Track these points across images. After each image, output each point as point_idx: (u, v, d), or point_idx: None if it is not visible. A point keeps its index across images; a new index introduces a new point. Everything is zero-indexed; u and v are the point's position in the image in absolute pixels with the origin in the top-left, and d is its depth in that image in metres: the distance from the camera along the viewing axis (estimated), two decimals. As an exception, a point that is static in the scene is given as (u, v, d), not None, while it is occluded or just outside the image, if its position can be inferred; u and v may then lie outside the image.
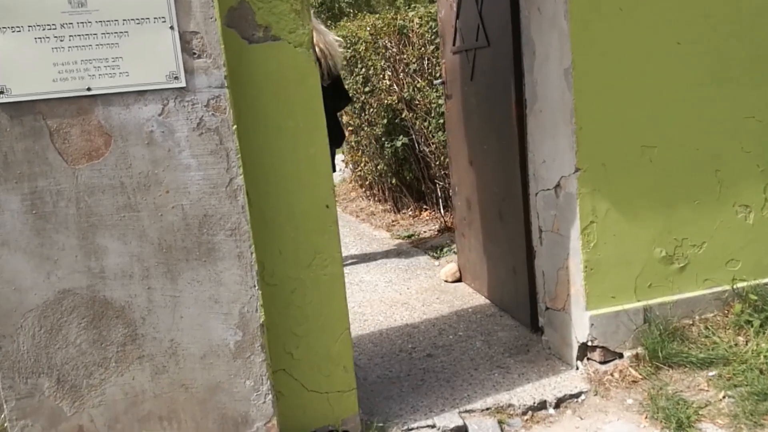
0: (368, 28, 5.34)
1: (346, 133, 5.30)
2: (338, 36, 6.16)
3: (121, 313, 2.13)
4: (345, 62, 6.05)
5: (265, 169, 2.28)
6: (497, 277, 3.57)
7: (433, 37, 4.54)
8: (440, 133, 4.51)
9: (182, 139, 2.08)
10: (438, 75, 4.48)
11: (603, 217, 2.69)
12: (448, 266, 4.17)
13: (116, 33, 2.02)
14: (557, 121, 2.73)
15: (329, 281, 2.38)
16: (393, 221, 5.95)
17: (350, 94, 6.01)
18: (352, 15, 6.02)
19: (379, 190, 6.60)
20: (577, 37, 2.57)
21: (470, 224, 3.85)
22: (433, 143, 4.68)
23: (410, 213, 6.12)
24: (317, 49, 4.53)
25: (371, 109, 5.72)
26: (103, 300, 2.11)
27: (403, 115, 5.13)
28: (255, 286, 2.18)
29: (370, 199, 6.87)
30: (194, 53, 2.06)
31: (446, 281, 4.11)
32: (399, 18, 5.11)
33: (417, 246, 5.00)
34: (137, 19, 2.01)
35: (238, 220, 2.14)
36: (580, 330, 2.76)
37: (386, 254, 4.86)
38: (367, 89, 5.67)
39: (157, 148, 2.07)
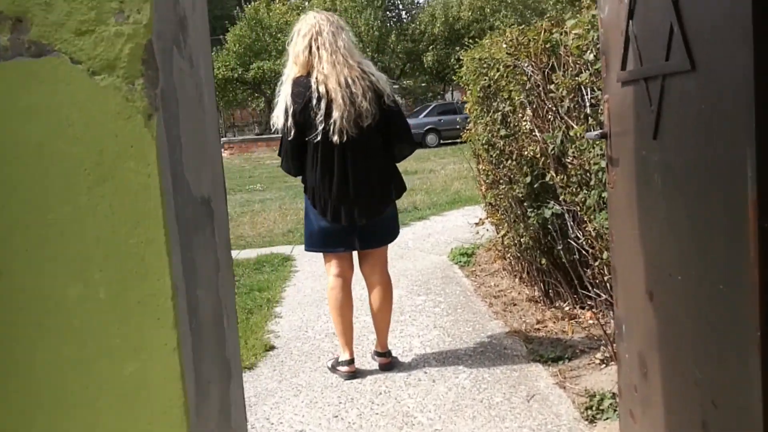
0: (505, 45, 3.74)
1: (407, 187, 3.77)
2: (474, 58, 4.65)
3: None
4: (481, 94, 4.50)
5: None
6: None
7: (596, 55, 2.85)
8: (603, 214, 2.80)
9: None
10: (597, 120, 2.78)
11: None
12: (603, 456, 2.44)
13: None
14: None
15: None
16: (539, 322, 4.24)
17: (487, 138, 4.45)
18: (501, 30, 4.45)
19: (523, 269, 4.92)
20: None
21: (645, 403, 2.12)
22: (592, 228, 2.97)
23: (567, 309, 4.39)
24: (331, 92, 3.23)
25: (510, 161, 4.10)
26: None
27: (547, 178, 3.45)
28: None
29: (515, 277, 5.19)
30: None
31: (598, 485, 2.38)
32: (553, 30, 3.46)
33: (564, 382, 3.29)
34: None
35: None
36: None
37: (510, 394, 3.20)
38: (503, 132, 4.06)
39: None
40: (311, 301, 4.98)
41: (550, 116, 3.31)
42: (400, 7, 36.45)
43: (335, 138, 3.22)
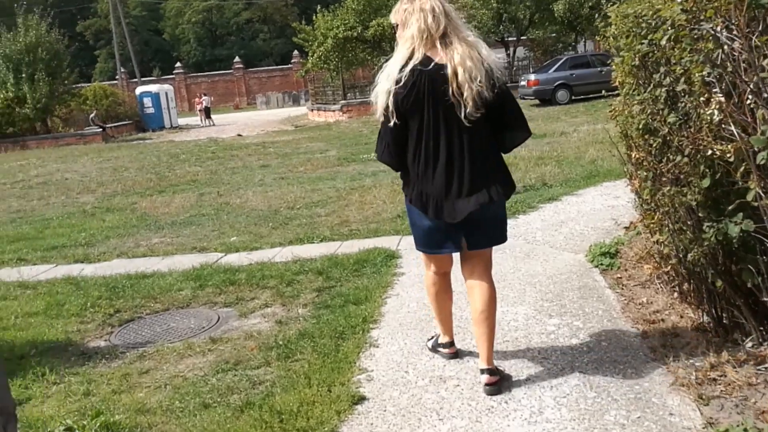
0: (681, -2, 2.68)
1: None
2: (628, 15, 3.61)
3: None
4: (637, 62, 3.45)
5: None
6: None
7: None
8: None
9: None
10: None
11: None
12: None
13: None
14: None
15: None
16: (713, 367, 3.23)
17: (645, 121, 3.43)
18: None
19: (688, 284, 3.87)
20: None
21: None
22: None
23: (750, 346, 3.35)
24: (458, 68, 3.02)
25: (679, 156, 3.05)
26: None
27: (746, 193, 2.42)
28: None
29: (673, 291, 4.15)
30: None
31: None
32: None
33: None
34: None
35: None
36: None
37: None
38: (671, 117, 3.02)
39: None
40: (415, 321, 4.17)
41: (755, 102, 2.27)
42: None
43: (447, 125, 3.06)
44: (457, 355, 3.60)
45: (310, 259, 5.87)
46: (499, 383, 3.20)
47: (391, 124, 3.09)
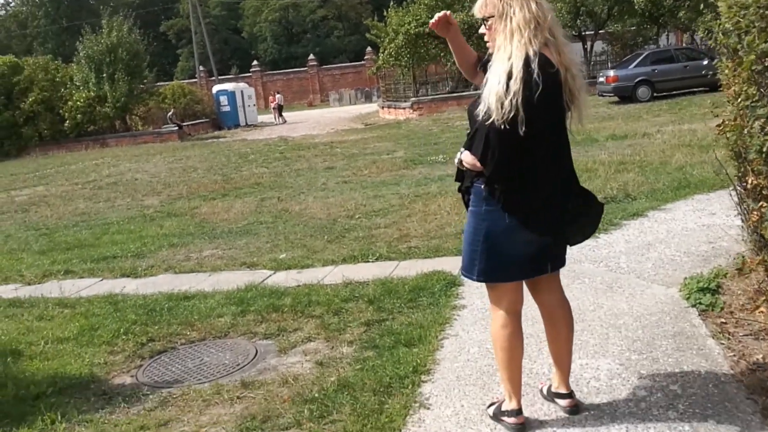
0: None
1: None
2: (747, 4, 2.83)
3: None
4: (760, 67, 2.67)
5: None
6: None
7: None
8: None
9: None
10: None
11: None
12: None
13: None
14: None
15: None
16: None
17: (767, 142, 2.65)
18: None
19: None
20: None
21: None
22: None
23: None
24: (571, 74, 2.75)
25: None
26: None
27: None
28: None
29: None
30: None
31: None
32: None
33: None
34: None
35: None
36: None
37: None
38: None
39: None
40: (476, 374, 3.49)
41: None
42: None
43: (564, 133, 2.80)
44: (524, 428, 2.92)
45: (363, 282, 5.26)
46: (578, 405, 3.06)
47: (516, 130, 2.58)
